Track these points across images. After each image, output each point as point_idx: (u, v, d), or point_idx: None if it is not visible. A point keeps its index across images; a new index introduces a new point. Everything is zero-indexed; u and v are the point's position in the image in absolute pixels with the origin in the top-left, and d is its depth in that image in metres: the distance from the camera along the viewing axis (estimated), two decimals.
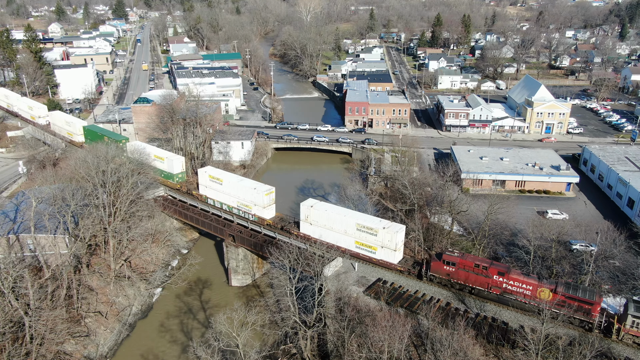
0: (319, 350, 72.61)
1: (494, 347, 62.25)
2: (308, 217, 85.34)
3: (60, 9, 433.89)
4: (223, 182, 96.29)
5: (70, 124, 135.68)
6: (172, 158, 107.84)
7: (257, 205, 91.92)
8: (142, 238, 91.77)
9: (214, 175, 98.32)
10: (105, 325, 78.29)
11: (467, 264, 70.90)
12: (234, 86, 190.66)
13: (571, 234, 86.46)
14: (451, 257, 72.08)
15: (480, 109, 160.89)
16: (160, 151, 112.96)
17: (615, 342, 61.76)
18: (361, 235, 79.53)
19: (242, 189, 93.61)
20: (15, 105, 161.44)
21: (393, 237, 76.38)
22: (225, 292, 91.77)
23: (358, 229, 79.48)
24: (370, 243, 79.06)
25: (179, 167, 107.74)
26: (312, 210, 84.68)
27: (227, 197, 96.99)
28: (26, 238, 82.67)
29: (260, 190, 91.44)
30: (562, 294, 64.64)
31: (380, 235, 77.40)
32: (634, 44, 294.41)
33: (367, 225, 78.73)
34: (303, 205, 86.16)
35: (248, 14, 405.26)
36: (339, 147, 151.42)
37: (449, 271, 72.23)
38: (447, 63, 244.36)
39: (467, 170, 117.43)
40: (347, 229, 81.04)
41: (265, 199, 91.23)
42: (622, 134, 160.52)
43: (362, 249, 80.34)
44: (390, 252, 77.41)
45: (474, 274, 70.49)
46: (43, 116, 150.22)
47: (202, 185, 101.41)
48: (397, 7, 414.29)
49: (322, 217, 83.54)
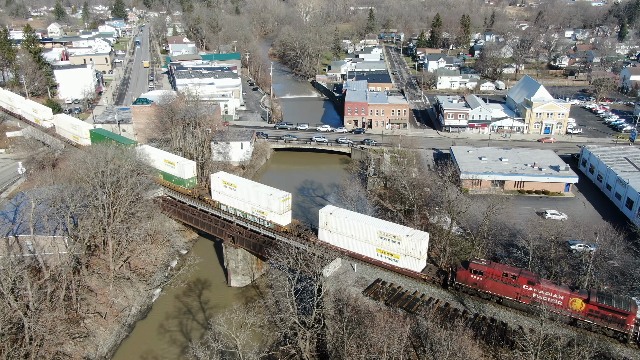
0: (318, 351, 72.66)
1: (492, 347, 62.32)
2: (327, 224, 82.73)
3: (59, 9, 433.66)
4: (237, 188, 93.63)
5: (76, 127, 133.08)
6: (183, 163, 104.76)
7: (273, 212, 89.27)
8: (142, 239, 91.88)
9: (228, 181, 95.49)
10: (104, 326, 78.30)
11: (495, 273, 68.59)
12: (233, 86, 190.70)
13: (570, 234, 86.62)
14: (479, 266, 69.70)
15: (480, 110, 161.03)
16: (171, 156, 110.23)
17: (613, 343, 61.79)
18: (383, 243, 77.22)
19: (258, 195, 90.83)
20: (19, 107, 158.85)
21: (417, 245, 74.03)
22: (225, 292, 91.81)
23: (380, 236, 77.20)
24: (393, 251, 76.60)
25: (190, 172, 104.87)
26: (331, 217, 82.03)
27: (241, 204, 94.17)
28: (25, 239, 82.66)
29: (277, 196, 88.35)
30: (596, 304, 62.53)
31: (403, 243, 75.13)
32: (633, 44, 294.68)
33: (390, 233, 76.23)
34: (322, 212, 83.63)
35: (247, 14, 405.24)
36: (338, 148, 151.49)
37: (476, 280, 69.83)
38: (447, 63, 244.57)
39: (466, 170, 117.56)
40: (368, 236, 78.59)
41: (282, 205, 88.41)
42: (621, 134, 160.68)
43: (384, 257, 77.96)
44: (414, 261, 75.05)
45: (503, 284, 68.17)
46: (48, 119, 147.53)
47: (215, 191, 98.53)
48: (397, 7, 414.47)
49: (342, 224, 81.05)
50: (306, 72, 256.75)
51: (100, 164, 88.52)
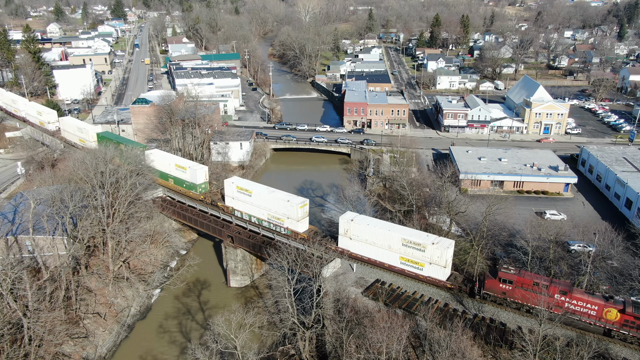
0: (318, 351, 72.69)
1: (492, 348, 62.40)
2: (347, 231, 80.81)
3: (58, 9, 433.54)
4: (252, 194, 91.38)
5: (83, 130, 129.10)
6: (195, 167, 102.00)
7: (290, 219, 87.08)
8: (141, 239, 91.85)
9: (243, 187, 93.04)
10: (103, 326, 78.32)
11: (525, 282, 66.45)
12: (232, 87, 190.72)
13: (569, 234, 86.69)
14: (508, 275, 67.54)
15: (479, 110, 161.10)
16: (182, 160, 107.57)
17: (612, 343, 61.88)
18: (407, 250, 75.25)
19: (274, 201, 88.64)
20: (23, 110, 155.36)
21: (443, 253, 72.20)
22: (224, 293, 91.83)
23: (404, 244, 75.29)
24: (417, 259, 74.57)
25: (202, 176, 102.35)
26: (352, 224, 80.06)
27: (256, 210, 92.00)
28: (25, 239, 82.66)
29: (294, 202, 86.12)
30: (632, 314, 60.88)
31: (428, 251, 73.16)
32: (632, 44, 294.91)
33: (414, 241, 74.33)
34: (342, 218, 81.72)
35: (247, 14, 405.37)
36: (338, 148, 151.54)
37: (505, 289, 67.56)
38: (446, 63, 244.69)
39: (466, 170, 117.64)
40: (391, 244, 76.67)
41: (300, 211, 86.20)
42: (620, 134, 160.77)
43: (407, 266, 76.00)
44: (440, 269, 73.14)
45: (533, 293, 65.58)
46: (53, 122, 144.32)
47: (229, 197, 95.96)
48: (396, 7, 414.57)
49: (364, 231, 79.12)
50: (305, 72, 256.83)
51: (100, 164, 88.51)
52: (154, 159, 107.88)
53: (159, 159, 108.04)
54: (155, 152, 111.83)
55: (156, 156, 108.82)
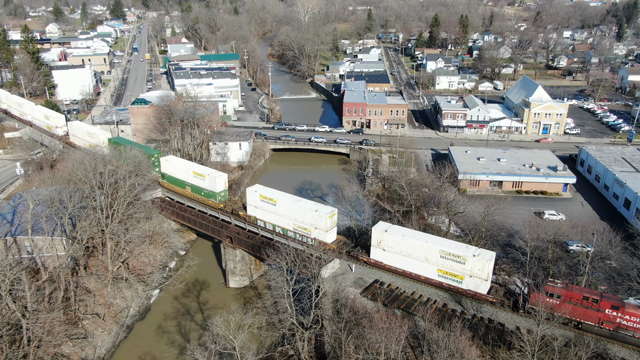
0: (317, 351, 72.74)
1: (490, 348, 62.49)
2: (381, 242, 77.83)
3: (57, 9, 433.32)
4: (277, 203, 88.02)
5: (93, 135, 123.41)
6: (214, 175, 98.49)
7: (318, 229, 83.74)
8: (140, 240, 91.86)
9: (267, 196, 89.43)
10: (102, 327, 78.34)
11: (573, 296, 63.73)
12: (231, 87, 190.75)
13: (568, 234, 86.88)
14: (554, 289, 64.89)
15: (478, 110, 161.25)
16: (200, 167, 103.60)
17: (611, 343, 61.97)
18: (446, 263, 72.51)
19: (300, 211, 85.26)
20: (29, 113, 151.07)
21: (485, 266, 69.53)
22: (223, 293, 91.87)
23: (442, 256, 72.65)
24: (457, 272, 71.87)
25: (221, 184, 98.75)
26: (386, 235, 77.08)
27: (281, 220, 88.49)
28: (23, 240, 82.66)
29: (323, 212, 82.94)
30: None
31: (469, 264, 70.48)
32: (631, 44, 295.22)
33: (454, 253, 71.57)
34: (375, 229, 78.49)
35: (246, 14, 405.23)
36: (337, 148, 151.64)
37: (552, 304, 64.13)
38: (445, 63, 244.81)
39: (465, 171, 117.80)
40: (428, 256, 73.84)
41: (328, 222, 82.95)
42: (619, 134, 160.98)
43: (446, 278, 73.18)
44: (480, 282, 70.51)
45: (582, 308, 63.10)
46: (60, 126, 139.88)
47: (251, 206, 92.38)
48: (395, 7, 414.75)
49: (399, 242, 76.22)
50: (305, 73, 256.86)
51: (99, 165, 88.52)
52: (170, 165, 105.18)
53: (175, 165, 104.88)
54: (171, 158, 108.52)
55: (172, 163, 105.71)
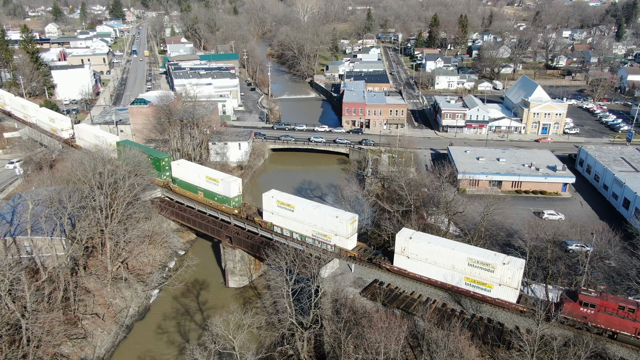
0: (316, 351, 72.80)
1: (489, 348, 62.52)
2: (405, 249, 75.93)
3: (57, 9, 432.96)
4: (295, 209, 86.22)
5: (101, 138, 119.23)
6: (228, 180, 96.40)
7: (339, 235, 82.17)
8: (139, 240, 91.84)
9: (284, 201, 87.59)
10: (102, 327, 78.35)
11: (609, 306, 61.87)
12: (231, 87, 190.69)
13: (567, 234, 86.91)
14: (589, 298, 63.02)
15: (477, 110, 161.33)
16: (214, 172, 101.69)
17: (610, 343, 62.03)
18: (474, 271, 70.90)
19: (320, 217, 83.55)
20: (34, 116, 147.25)
21: (515, 274, 67.84)
22: (222, 293, 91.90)
23: (470, 264, 71.01)
24: (485, 280, 70.20)
25: (235, 189, 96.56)
26: (410, 242, 75.23)
27: (299, 226, 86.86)
28: (23, 240, 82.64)
29: (344, 218, 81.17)
30: None
31: (498, 272, 68.74)
32: (630, 44, 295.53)
33: (483, 261, 69.83)
34: (399, 236, 76.67)
35: (245, 14, 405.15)
36: (336, 148, 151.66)
37: (586, 314, 62.84)
38: (444, 63, 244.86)
39: (464, 171, 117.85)
40: (455, 264, 72.21)
41: (349, 228, 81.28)
42: (618, 134, 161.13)
43: (473, 287, 71.56)
44: (510, 291, 68.91)
45: (619, 317, 61.30)
46: (66, 129, 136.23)
47: (267, 212, 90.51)
48: (395, 7, 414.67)
49: (424, 250, 74.48)
50: (304, 72, 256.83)
51: (98, 165, 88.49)
52: (181, 170, 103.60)
53: (187, 170, 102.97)
54: (182, 162, 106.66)
55: (184, 167, 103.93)
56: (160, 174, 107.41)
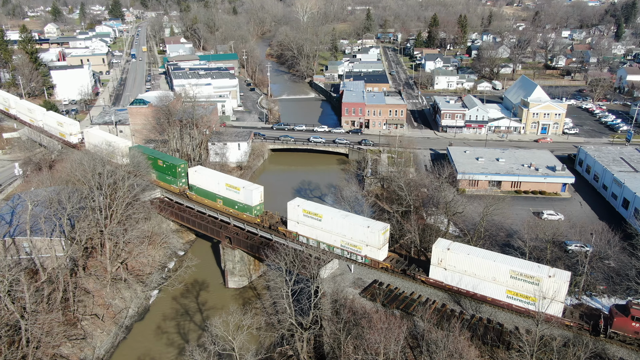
0: (315, 352, 72.77)
1: (489, 348, 62.58)
2: (442, 260, 73.49)
3: (56, 9, 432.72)
4: (323, 218, 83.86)
5: (113, 144, 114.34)
6: (250, 188, 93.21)
7: (370, 246, 79.89)
8: (139, 240, 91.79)
9: (311, 210, 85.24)
10: (101, 328, 78.30)
11: None
12: (230, 87, 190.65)
13: (566, 234, 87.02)
14: None
15: (477, 110, 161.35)
16: (235, 179, 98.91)
17: (609, 343, 62.03)
18: (516, 284, 68.38)
19: (350, 227, 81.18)
20: (41, 120, 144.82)
21: (561, 287, 65.65)
22: (222, 294, 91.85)
23: (512, 276, 68.42)
24: (529, 293, 67.42)
25: (257, 198, 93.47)
26: (448, 253, 72.73)
27: (327, 236, 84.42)
28: (22, 241, 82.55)
29: (375, 228, 79.04)
30: None
31: (543, 285, 65.92)
32: (629, 44, 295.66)
33: (527, 273, 67.33)
34: (436, 247, 74.17)
35: (245, 14, 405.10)
36: (336, 148, 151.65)
37: (638, 329, 60.91)
38: (444, 63, 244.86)
39: (463, 171, 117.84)
40: (496, 276, 69.67)
41: (381, 238, 79.07)
42: (618, 134, 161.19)
43: (516, 300, 69.09)
44: (557, 305, 66.21)
45: None
46: (75, 133, 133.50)
47: (292, 221, 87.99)
48: (394, 7, 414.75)
49: (462, 261, 71.98)
50: (303, 73, 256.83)
51: (97, 165, 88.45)
52: (199, 177, 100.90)
53: (205, 177, 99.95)
54: (200, 169, 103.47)
55: (201, 174, 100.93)
56: (176, 181, 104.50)
